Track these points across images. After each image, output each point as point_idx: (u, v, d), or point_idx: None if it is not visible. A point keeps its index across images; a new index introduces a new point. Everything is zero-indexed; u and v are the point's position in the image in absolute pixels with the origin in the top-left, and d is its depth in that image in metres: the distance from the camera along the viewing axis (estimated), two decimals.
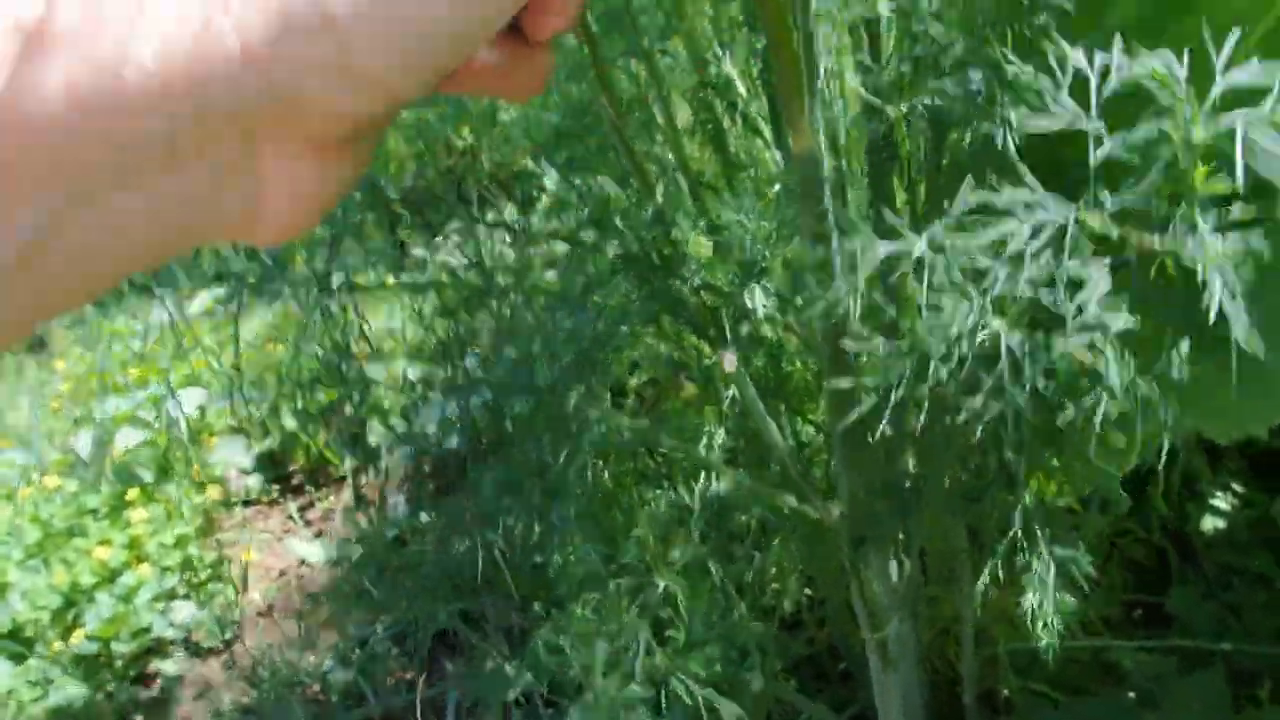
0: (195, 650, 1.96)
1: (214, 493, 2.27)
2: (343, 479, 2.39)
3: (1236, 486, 1.17)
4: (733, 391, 0.83)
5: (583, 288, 0.75)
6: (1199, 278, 0.41)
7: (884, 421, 0.47)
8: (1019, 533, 0.63)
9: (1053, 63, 0.41)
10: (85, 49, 0.27)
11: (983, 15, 0.62)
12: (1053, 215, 0.39)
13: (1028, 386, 0.43)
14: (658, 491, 1.28)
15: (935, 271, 0.40)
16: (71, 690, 1.79)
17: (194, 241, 0.31)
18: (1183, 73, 0.37)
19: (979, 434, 0.47)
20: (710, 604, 1.27)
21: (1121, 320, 0.41)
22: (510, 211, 2.76)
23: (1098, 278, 0.40)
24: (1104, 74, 0.39)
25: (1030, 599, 0.62)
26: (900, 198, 0.82)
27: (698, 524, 1.08)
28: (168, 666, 1.91)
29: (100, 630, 1.86)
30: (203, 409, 2.42)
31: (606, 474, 1.38)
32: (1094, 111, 0.39)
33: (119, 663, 1.87)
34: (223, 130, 0.29)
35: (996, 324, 0.43)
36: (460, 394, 1.22)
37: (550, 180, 1.09)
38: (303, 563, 2.19)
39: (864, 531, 0.84)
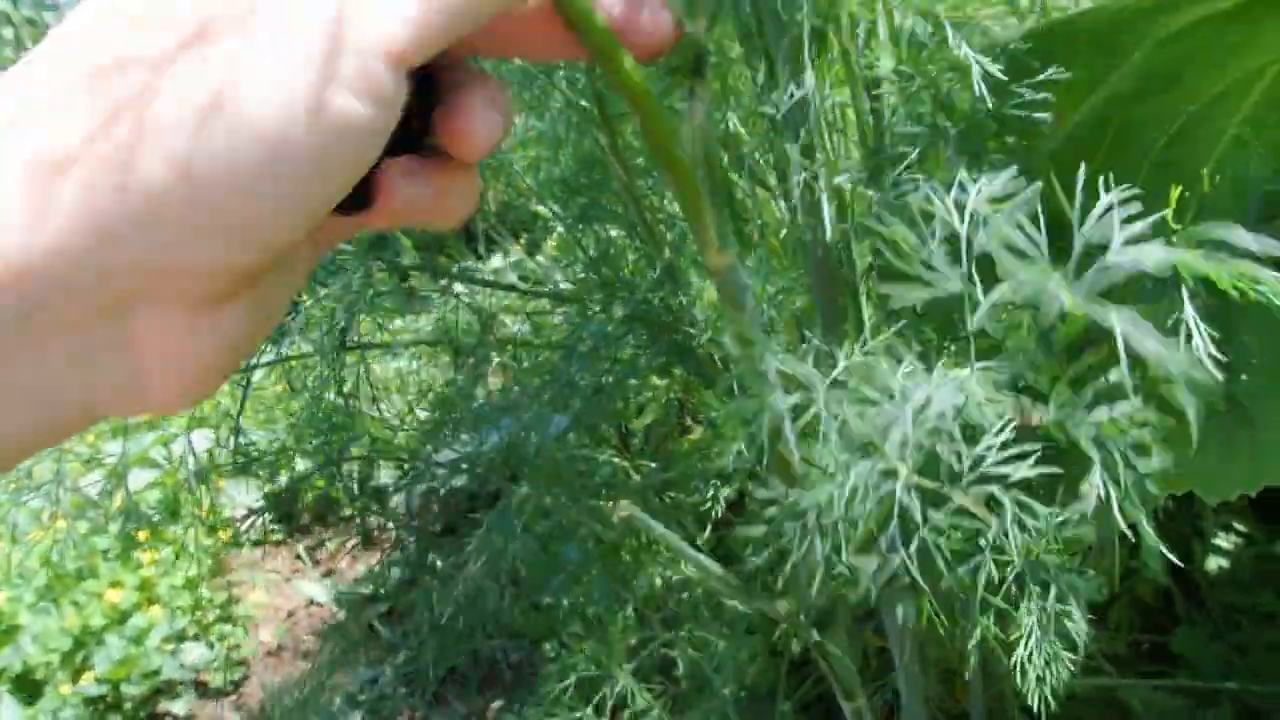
0: (204, 691, 1.97)
1: (223, 534, 2.28)
2: (350, 519, 2.40)
3: (1239, 526, 1.18)
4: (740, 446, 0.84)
5: (591, 347, 0.76)
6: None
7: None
8: (1011, 586, 0.64)
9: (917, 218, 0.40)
10: None
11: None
12: (941, 393, 0.39)
13: (915, 546, 0.43)
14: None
15: (833, 424, 0.41)
16: None
17: (76, 423, 0.28)
18: (1043, 241, 0.37)
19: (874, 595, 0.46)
20: (720, 645, 1.28)
21: (1023, 470, 0.40)
22: (516, 253, 2.79)
23: (996, 425, 0.39)
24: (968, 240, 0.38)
25: (1019, 652, 0.63)
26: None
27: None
28: (177, 708, 1.92)
29: (110, 672, 1.86)
30: (211, 450, 2.43)
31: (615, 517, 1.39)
32: (965, 272, 0.38)
33: (128, 705, 1.88)
34: (80, 308, 0.26)
35: (901, 472, 0.42)
36: (471, 437, 1.24)
37: (560, 225, 1.11)
38: (311, 603, 2.20)
39: (827, 616, 0.84)
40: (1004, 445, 0.38)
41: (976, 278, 0.37)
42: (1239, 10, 0.62)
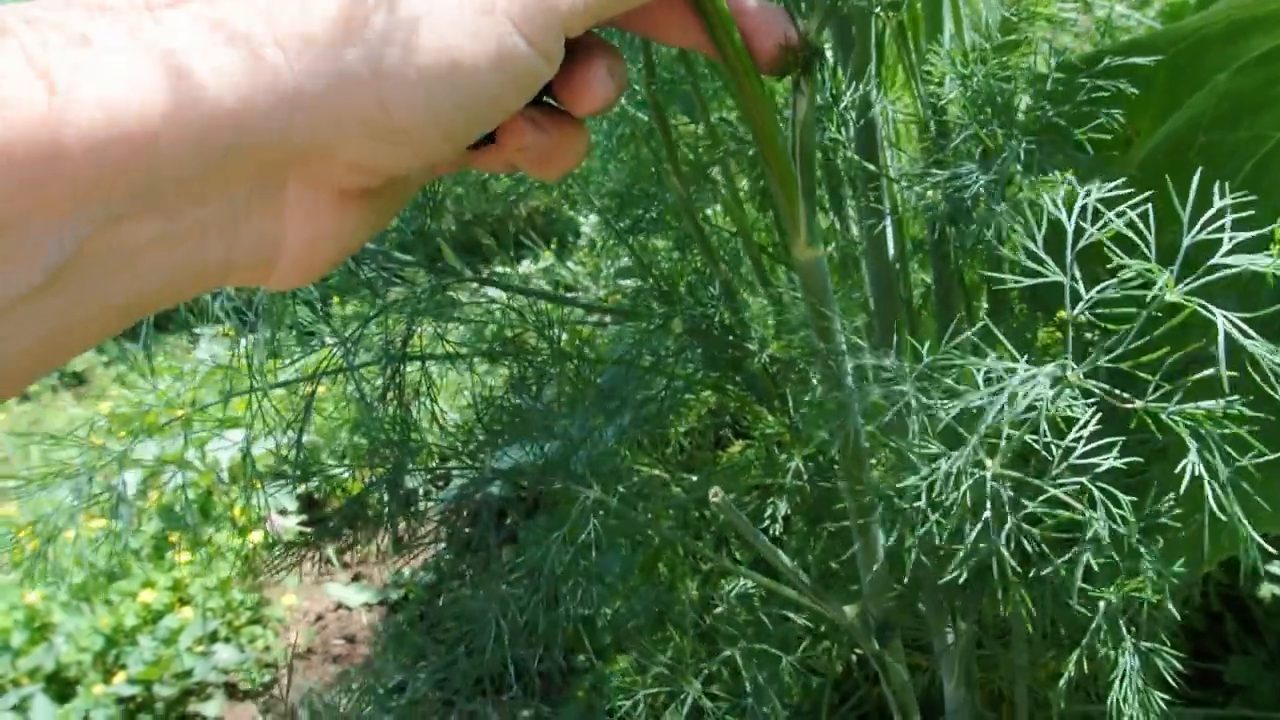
0: (235, 693, 1.97)
1: (255, 535, 2.28)
2: (381, 522, 2.40)
3: None
4: (795, 463, 0.83)
5: (650, 364, 0.75)
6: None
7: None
8: (1101, 625, 0.63)
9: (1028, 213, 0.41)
10: (128, 67, 0.26)
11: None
12: (1031, 383, 0.39)
13: (1009, 534, 0.43)
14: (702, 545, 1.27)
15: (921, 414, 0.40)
16: None
17: (210, 281, 0.31)
18: (1150, 236, 0.36)
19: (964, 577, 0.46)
20: (762, 662, 1.27)
21: (1110, 460, 0.40)
22: (547, 257, 2.78)
23: (1085, 418, 0.40)
24: (1078, 232, 0.38)
25: (1115, 692, 0.61)
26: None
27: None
28: (208, 709, 1.92)
29: (143, 673, 1.87)
30: (245, 451, 2.44)
31: (653, 530, 1.38)
32: (1069, 266, 0.38)
33: (159, 705, 1.88)
34: (251, 166, 0.29)
35: (988, 464, 0.42)
36: (521, 447, 1.23)
37: (588, 228, 1.10)
38: (340, 606, 2.20)
39: (887, 627, 0.83)
40: (1092, 437, 0.38)
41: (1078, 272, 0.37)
42: None
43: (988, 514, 0.42)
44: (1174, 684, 0.56)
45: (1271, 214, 0.61)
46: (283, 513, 2.43)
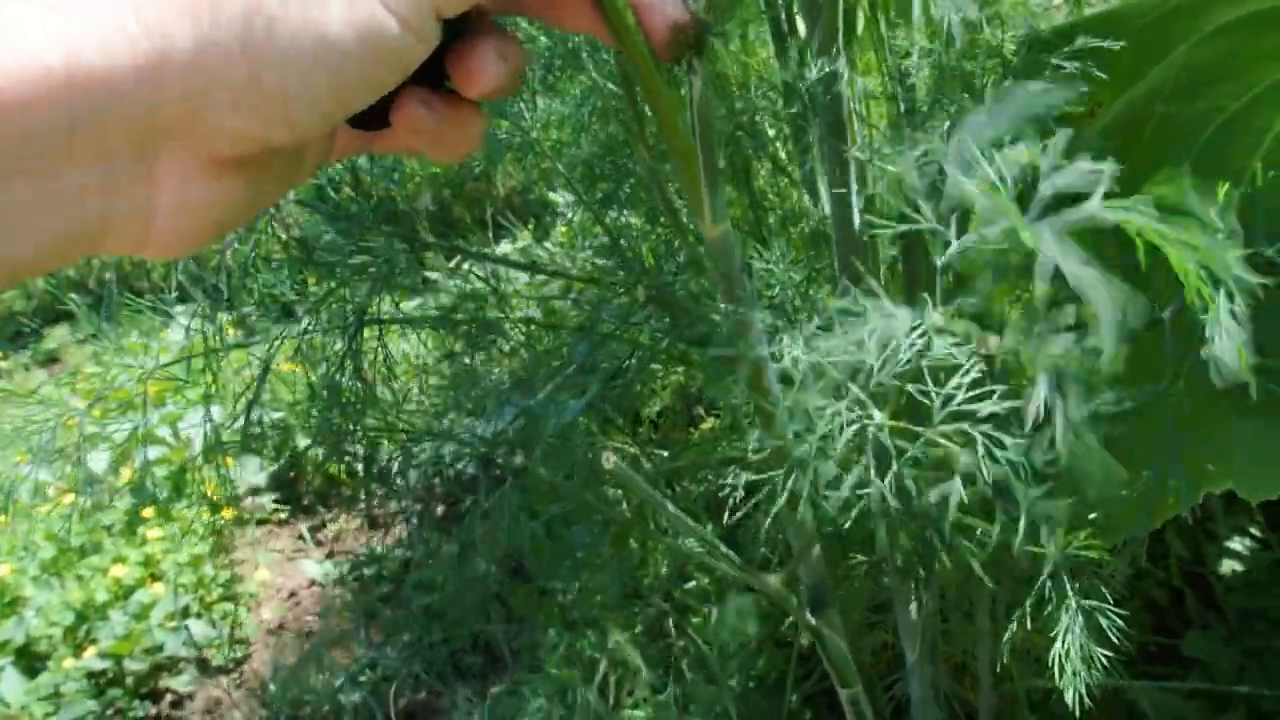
0: (206, 669, 1.97)
1: (227, 512, 2.28)
2: (354, 499, 2.40)
3: (1254, 531, 1.18)
4: (758, 434, 0.83)
5: (611, 329, 0.76)
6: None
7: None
8: (1046, 581, 0.64)
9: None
10: (17, 26, 0.27)
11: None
12: (898, 321, 0.39)
13: (891, 479, 0.44)
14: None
15: (808, 372, 0.41)
16: (82, 707, 1.79)
17: (86, 247, 0.31)
18: (1011, 181, 0.37)
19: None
20: (727, 635, 1.28)
21: (989, 406, 0.41)
22: (524, 238, 2.78)
23: (967, 365, 0.40)
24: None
25: (1057, 647, 0.62)
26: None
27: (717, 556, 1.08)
28: (178, 684, 1.92)
29: (113, 647, 1.86)
30: (217, 428, 2.42)
31: (625, 504, 1.39)
32: (939, 217, 0.39)
33: (130, 680, 1.88)
34: (122, 132, 0.29)
35: (876, 416, 0.43)
36: (483, 419, 1.23)
37: (567, 209, 1.10)
38: (313, 583, 2.20)
39: (821, 596, 0.84)
40: (973, 385, 0.38)
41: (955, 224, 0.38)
42: (1273, 12, 0.61)
43: (870, 460, 0.43)
44: (1118, 642, 0.57)
45: (1228, 181, 0.62)
46: (255, 491, 2.42)
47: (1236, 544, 1.19)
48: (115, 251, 0.32)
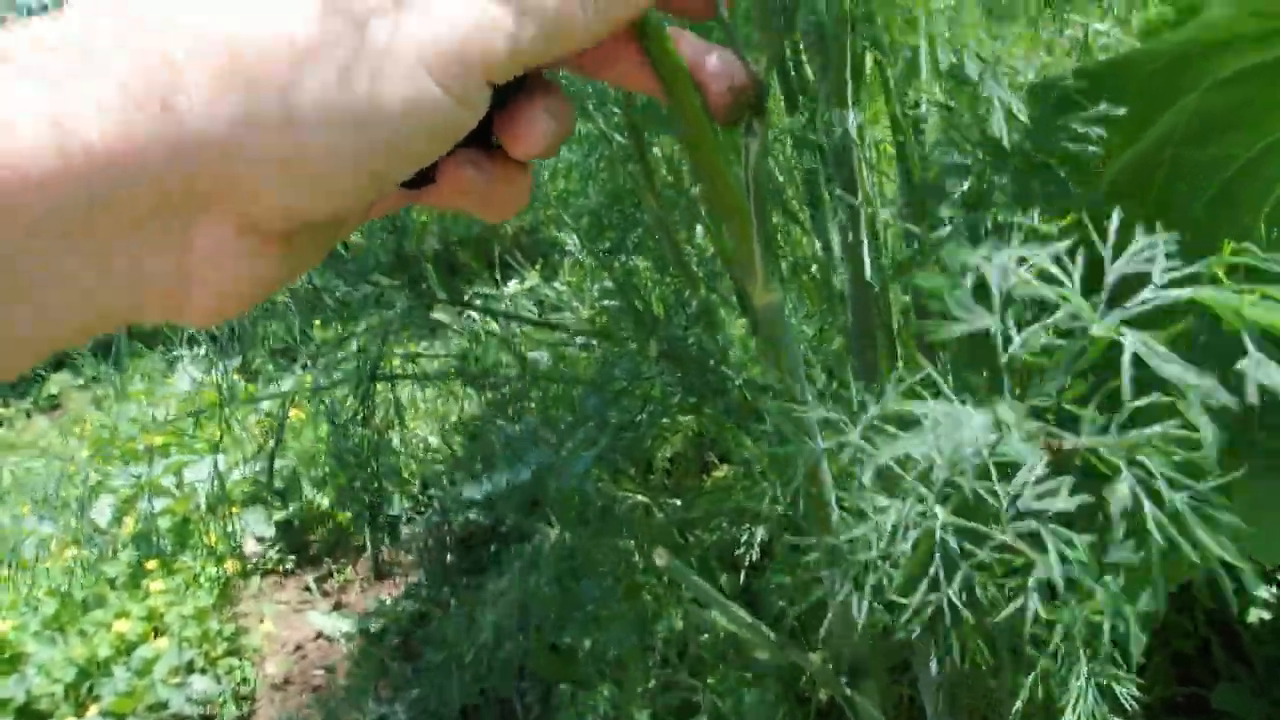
0: None
1: (232, 565, 2.25)
2: (361, 550, 2.37)
3: None
4: (775, 489, 0.82)
5: (625, 389, 0.74)
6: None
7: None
8: (1060, 648, 0.62)
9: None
10: (29, 105, 0.26)
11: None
12: (969, 421, 0.38)
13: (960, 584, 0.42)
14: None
15: (868, 465, 0.39)
16: None
17: (120, 318, 0.31)
18: (1077, 274, 0.35)
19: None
20: (746, 691, 1.25)
21: (1061, 503, 0.39)
22: (532, 278, 2.77)
23: (1032, 461, 0.38)
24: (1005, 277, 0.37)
25: (1068, 717, 0.60)
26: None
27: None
28: None
29: (116, 705, 1.83)
30: (222, 477, 2.41)
31: (638, 555, 1.37)
32: (997, 312, 0.37)
33: None
34: (151, 206, 0.28)
35: (939, 514, 0.41)
36: (497, 472, 1.21)
37: (573, 246, 1.09)
38: (320, 635, 2.16)
39: (860, 668, 0.82)
40: (1040, 480, 0.36)
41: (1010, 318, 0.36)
42: None
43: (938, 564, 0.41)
44: (1158, 709, 0.55)
45: (1238, 232, 0.60)
46: (261, 540, 2.40)
47: (1264, 592, 1.17)
48: (152, 319, 0.32)
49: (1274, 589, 1.17)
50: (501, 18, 0.31)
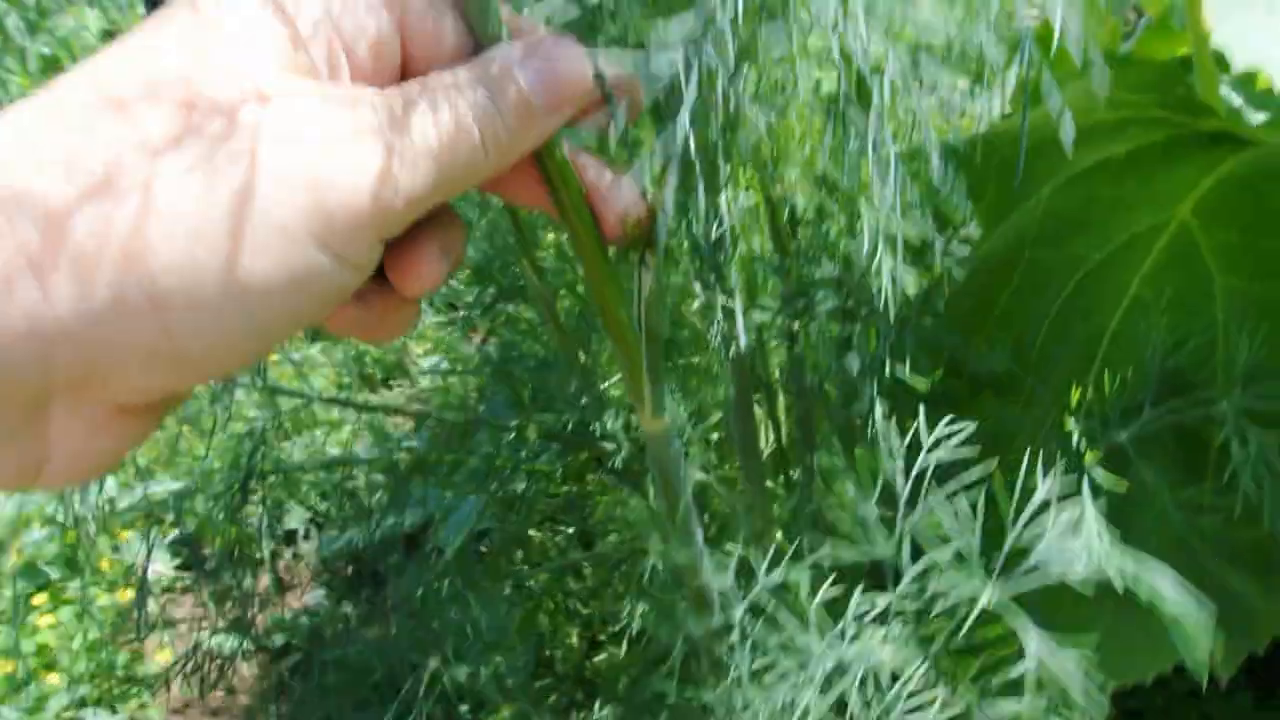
0: None
1: (126, 591, 2.20)
2: (260, 563, 2.34)
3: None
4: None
5: (509, 470, 0.76)
6: None
7: None
8: None
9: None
10: None
11: None
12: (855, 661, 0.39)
13: None
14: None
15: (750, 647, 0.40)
16: None
17: None
18: (975, 539, 0.38)
19: None
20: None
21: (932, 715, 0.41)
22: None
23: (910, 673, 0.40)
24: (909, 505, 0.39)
25: None
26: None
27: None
28: None
29: None
30: (112, 499, 2.34)
31: (533, 581, 1.39)
32: (899, 543, 0.39)
33: None
34: (10, 395, 0.27)
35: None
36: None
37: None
38: (219, 655, 2.13)
39: None
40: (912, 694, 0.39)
41: (908, 544, 0.38)
42: (1131, 158, 0.63)
43: None
44: None
45: (1092, 336, 0.64)
46: (154, 558, 2.34)
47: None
48: (4, 488, 0.31)
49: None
50: (396, 170, 0.29)
